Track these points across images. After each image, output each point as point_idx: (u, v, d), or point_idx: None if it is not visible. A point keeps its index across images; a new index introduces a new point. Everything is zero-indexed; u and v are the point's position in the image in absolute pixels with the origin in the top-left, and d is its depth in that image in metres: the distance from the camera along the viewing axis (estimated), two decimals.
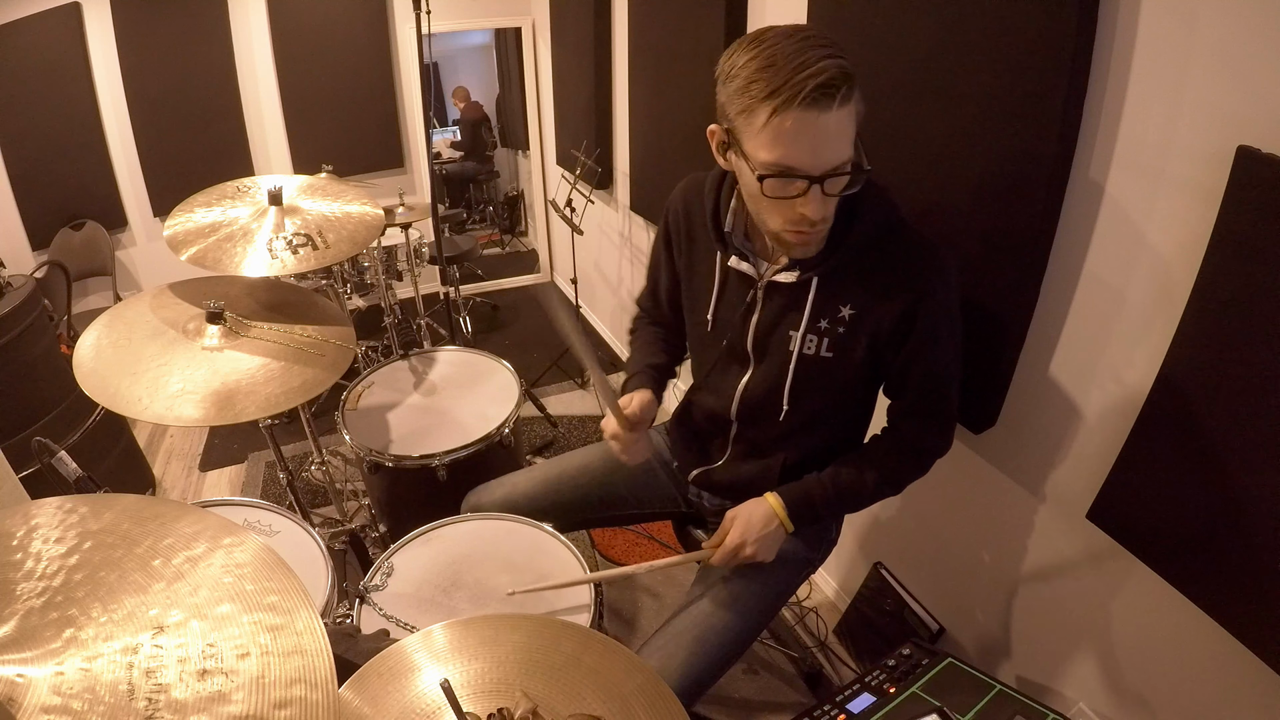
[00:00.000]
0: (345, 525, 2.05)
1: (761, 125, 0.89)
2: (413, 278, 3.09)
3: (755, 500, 1.19)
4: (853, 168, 0.92)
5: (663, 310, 1.37)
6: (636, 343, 1.40)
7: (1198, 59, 0.94)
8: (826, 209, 0.95)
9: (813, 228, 0.97)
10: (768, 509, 1.17)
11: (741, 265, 1.13)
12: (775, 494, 1.18)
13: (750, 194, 1.00)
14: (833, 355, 1.10)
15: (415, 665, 0.86)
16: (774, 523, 1.16)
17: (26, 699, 0.50)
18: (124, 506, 0.69)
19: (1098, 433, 1.20)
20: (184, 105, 3.40)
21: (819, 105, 0.85)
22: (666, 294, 1.34)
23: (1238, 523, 0.97)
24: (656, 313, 1.40)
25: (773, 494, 1.18)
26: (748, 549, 1.15)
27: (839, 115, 0.87)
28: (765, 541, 1.16)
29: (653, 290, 1.38)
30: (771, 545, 1.17)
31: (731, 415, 1.24)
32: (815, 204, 0.92)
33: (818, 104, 0.85)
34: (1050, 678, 1.42)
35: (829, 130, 0.88)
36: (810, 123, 0.86)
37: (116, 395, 1.25)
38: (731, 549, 1.15)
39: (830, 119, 0.87)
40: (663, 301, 1.36)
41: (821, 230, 1.00)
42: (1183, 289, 0.99)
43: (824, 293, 1.08)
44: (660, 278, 1.34)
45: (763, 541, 1.15)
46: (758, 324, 1.15)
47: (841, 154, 0.91)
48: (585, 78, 2.99)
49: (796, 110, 0.85)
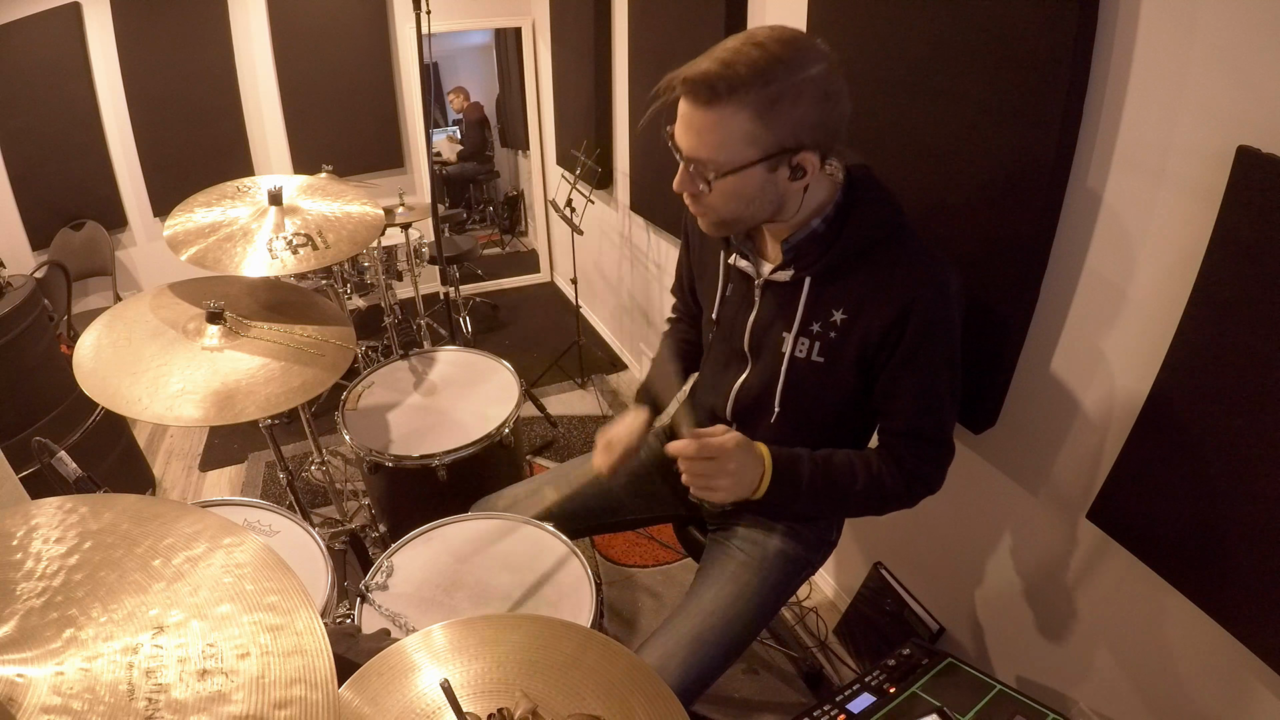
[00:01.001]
0: (345, 525, 2.06)
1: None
2: (413, 278, 3.09)
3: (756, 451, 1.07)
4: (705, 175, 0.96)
5: (687, 302, 1.42)
6: (662, 345, 1.45)
7: (1198, 59, 0.94)
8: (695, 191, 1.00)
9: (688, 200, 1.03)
10: (758, 451, 1.06)
11: (741, 263, 1.14)
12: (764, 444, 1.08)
13: None
14: (824, 360, 1.08)
15: (415, 665, 0.86)
16: (758, 467, 1.05)
17: (26, 699, 0.50)
18: (124, 506, 0.69)
19: (1098, 433, 1.20)
20: (184, 105, 3.40)
21: (686, 94, 0.93)
22: (688, 290, 1.39)
23: (1238, 523, 0.97)
24: (684, 305, 1.44)
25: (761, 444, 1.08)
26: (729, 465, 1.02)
27: (703, 113, 0.92)
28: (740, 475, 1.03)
29: (679, 283, 1.43)
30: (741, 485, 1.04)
31: (728, 415, 1.24)
32: (679, 179, 1.00)
33: (685, 93, 0.93)
34: (1050, 678, 1.42)
35: (690, 121, 0.94)
36: (682, 108, 0.95)
37: (116, 395, 1.25)
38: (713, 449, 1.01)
39: (693, 113, 0.93)
40: (686, 294, 1.41)
41: (704, 216, 1.04)
42: (1183, 289, 0.99)
43: (816, 294, 1.07)
44: (682, 273, 1.40)
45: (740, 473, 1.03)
46: (754, 323, 1.15)
47: (700, 150, 0.95)
48: (585, 78, 2.99)
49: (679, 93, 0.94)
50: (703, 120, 0.92)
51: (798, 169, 0.94)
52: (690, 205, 1.04)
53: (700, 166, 0.96)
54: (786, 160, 0.94)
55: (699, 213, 1.05)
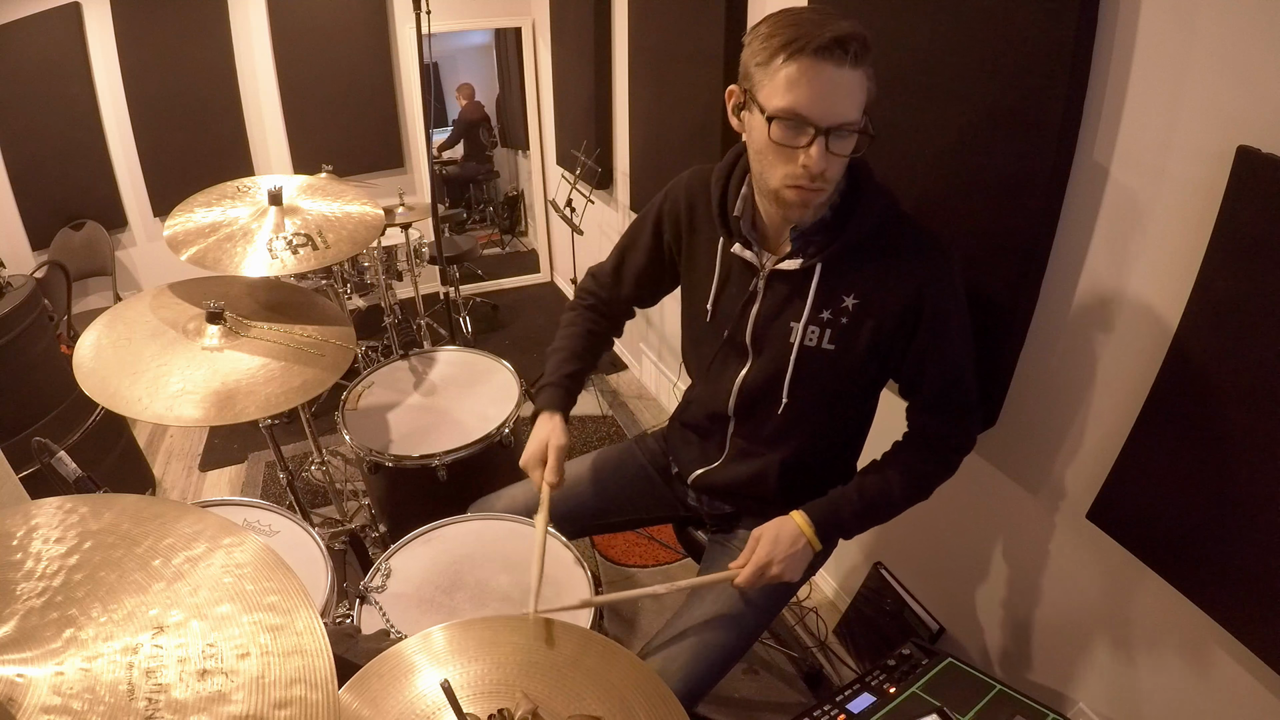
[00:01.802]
0: (345, 525, 2.06)
1: (776, 71, 0.92)
2: (413, 278, 3.09)
3: (781, 519, 1.15)
4: (860, 132, 0.94)
5: (620, 288, 1.36)
6: (566, 333, 1.37)
7: (1198, 59, 0.94)
8: (829, 167, 0.95)
9: (812, 182, 0.96)
10: (794, 527, 1.14)
11: (745, 253, 1.13)
12: (801, 512, 1.15)
13: (757, 148, 1.00)
14: (834, 348, 1.09)
15: (415, 666, 0.86)
16: (801, 541, 1.13)
17: (26, 699, 0.50)
18: (124, 506, 0.69)
19: (1098, 433, 1.20)
20: (184, 105, 3.40)
21: (832, 57, 0.88)
22: (635, 272, 1.33)
23: (1238, 523, 0.97)
24: (612, 289, 1.37)
25: (799, 512, 1.15)
26: (774, 568, 1.11)
27: (851, 74, 0.90)
28: (792, 560, 1.12)
29: (618, 263, 1.35)
30: (799, 564, 1.14)
31: (729, 410, 1.23)
32: (819, 155, 0.93)
33: (831, 55, 0.88)
34: (1050, 678, 1.42)
35: (839, 83, 0.90)
36: (822, 72, 0.89)
37: (116, 395, 1.25)
38: (758, 568, 1.11)
39: (842, 74, 0.90)
40: (625, 279, 1.34)
41: (821, 192, 0.99)
42: (1183, 289, 0.99)
43: (827, 281, 1.07)
44: (632, 258, 1.32)
45: (790, 560, 1.12)
46: (758, 315, 1.14)
47: (850, 112, 0.92)
48: (585, 78, 2.99)
49: (809, 58, 0.89)
50: (854, 81, 0.91)
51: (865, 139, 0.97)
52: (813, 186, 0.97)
53: (846, 131, 0.93)
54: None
55: (814, 194, 0.99)
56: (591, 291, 1.40)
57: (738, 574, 1.14)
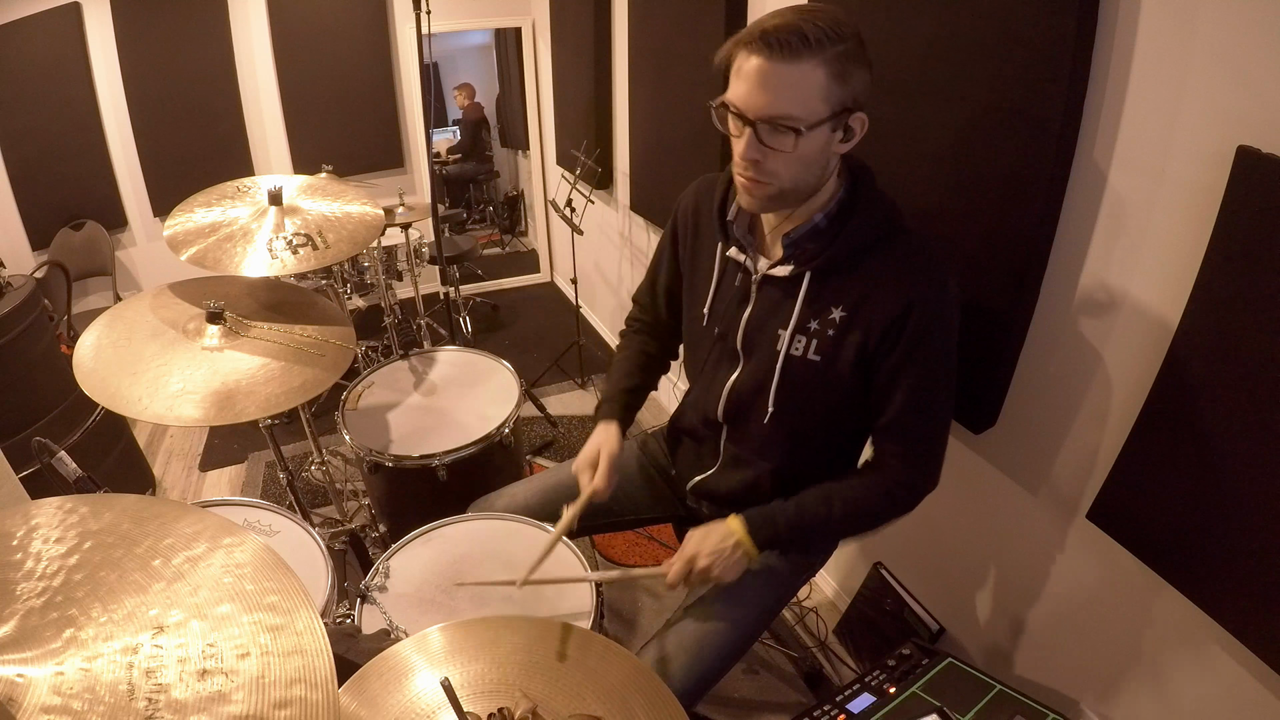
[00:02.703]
0: (345, 525, 2.06)
1: (730, 65, 0.96)
2: (413, 278, 3.09)
3: (716, 520, 1.16)
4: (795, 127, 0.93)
5: (658, 306, 1.37)
6: (619, 356, 1.40)
7: (1198, 59, 0.94)
8: (765, 159, 0.97)
9: (747, 172, 0.99)
10: (724, 527, 1.13)
11: (739, 256, 1.13)
12: (736, 515, 1.15)
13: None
14: (820, 359, 1.08)
15: (416, 665, 0.86)
16: (730, 539, 1.12)
17: (26, 699, 0.50)
18: (124, 506, 0.69)
19: (1097, 433, 1.20)
20: (184, 105, 3.40)
21: (759, 50, 0.91)
22: (665, 290, 1.34)
23: (1238, 522, 0.97)
24: (652, 311, 1.39)
25: (734, 515, 1.15)
26: (701, 561, 1.10)
27: (786, 68, 0.91)
28: (720, 557, 1.10)
29: (651, 285, 1.38)
30: (730, 563, 1.12)
31: (719, 416, 1.22)
32: (745, 145, 0.96)
33: (757, 49, 0.91)
34: (1050, 678, 1.42)
35: (767, 76, 0.92)
36: (754, 66, 0.92)
37: (116, 395, 1.25)
38: (684, 562, 1.11)
39: (771, 67, 0.91)
40: (659, 297, 1.36)
41: (763, 185, 1.00)
42: (1183, 289, 0.99)
43: (815, 291, 1.07)
44: (661, 273, 1.34)
45: (718, 556, 1.10)
46: (749, 319, 1.14)
47: (783, 106, 0.93)
48: (585, 78, 2.99)
49: (742, 50, 0.93)
50: (785, 75, 0.91)
51: (849, 130, 0.97)
52: (749, 176, 1.00)
53: (777, 125, 0.93)
54: (845, 119, 0.96)
55: (755, 184, 1.01)
56: (637, 318, 1.44)
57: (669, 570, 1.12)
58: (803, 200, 1.05)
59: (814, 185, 1.03)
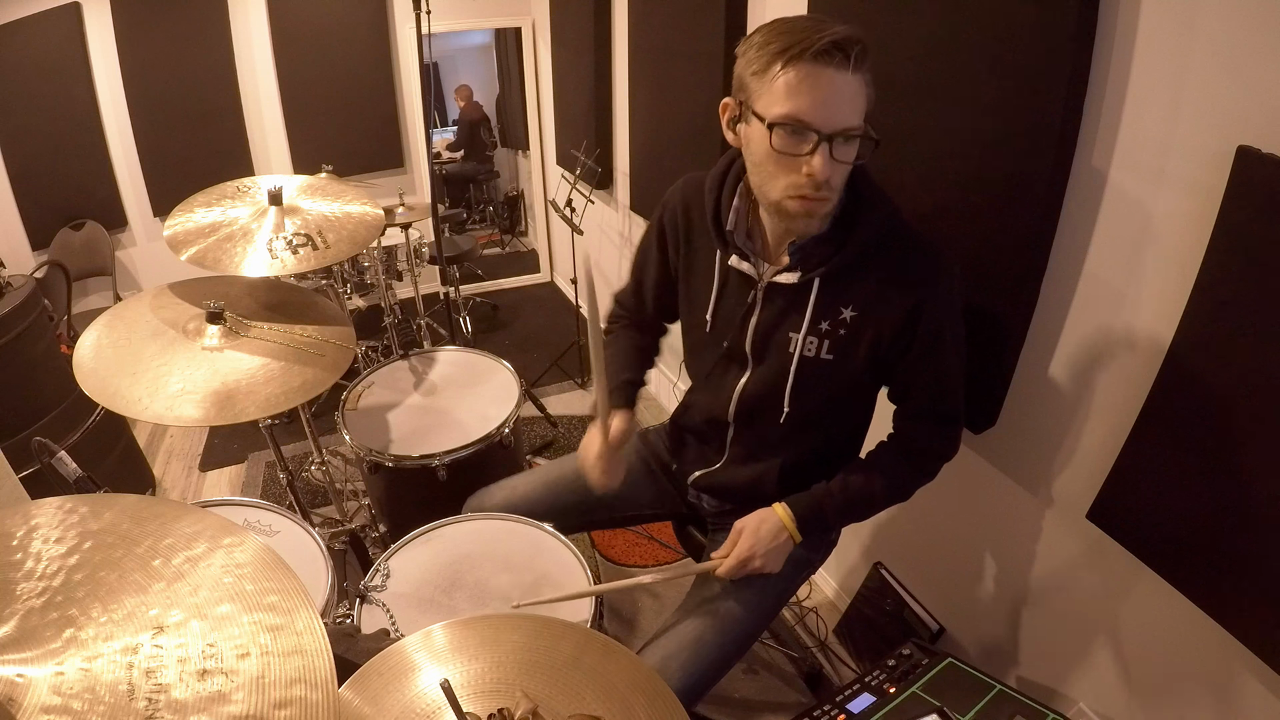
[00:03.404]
0: (345, 525, 2.05)
1: (774, 78, 0.90)
2: (413, 278, 3.09)
3: (763, 511, 1.17)
4: (864, 138, 0.93)
5: (644, 308, 1.35)
6: (611, 350, 1.36)
7: (1198, 59, 0.94)
8: (833, 174, 0.93)
9: (817, 191, 0.94)
10: (776, 520, 1.16)
11: (742, 265, 1.13)
12: (783, 504, 1.17)
13: (757, 160, 0.98)
14: (833, 358, 1.10)
15: (415, 665, 0.86)
16: (783, 535, 1.15)
17: (26, 699, 0.50)
18: (124, 506, 0.69)
19: (1098, 433, 1.20)
20: (184, 105, 3.40)
21: (832, 61, 0.87)
22: (654, 290, 1.32)
23: (1238, 523, 0.97)
24: (637, 311, 1.37)
25: (781, 505, 1.17)
26: (756, 561, 1.14)
27: (851, 78, 0.89)
28: (774, 553, 1.15)
29: (636, 288, 1.36)
30: (779, 556, 1.17)
31: (729, 417, 1.23)
32: (823, 163, 0.91)
33: (831, 59, 0.87)
34: (1050, 678, 1.42)
35: (840, 88, 0.89)
36: (822, 76, 0.88)
37: (116, 395, 1.25)
38: (740, 561, 1.14)
39: (843, 78, 0.89)
40: (647, 299, 1.34)
41: (826, 201, 0.97)
42: (1183, 289, 0.99)
43: (826, 294, 1.07)
44: (647, 275, 1.31)
45: (771, 553, 1.15)
46: (757, 325, 1.14)
47: (852, 117, 0.91)
48: (585, 78, 2.99)
49: (808, 63, 0.87)
50: (852, 85, 0.89)
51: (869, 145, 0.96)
52: (817, 196, 0.95)
53: (850, 136, 0.92)
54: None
55: (819, 204, 0.97)
56: (620, 316, 1.41)
57: (720, 564, 1.16)
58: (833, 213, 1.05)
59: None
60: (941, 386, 1.11)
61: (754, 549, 1.14)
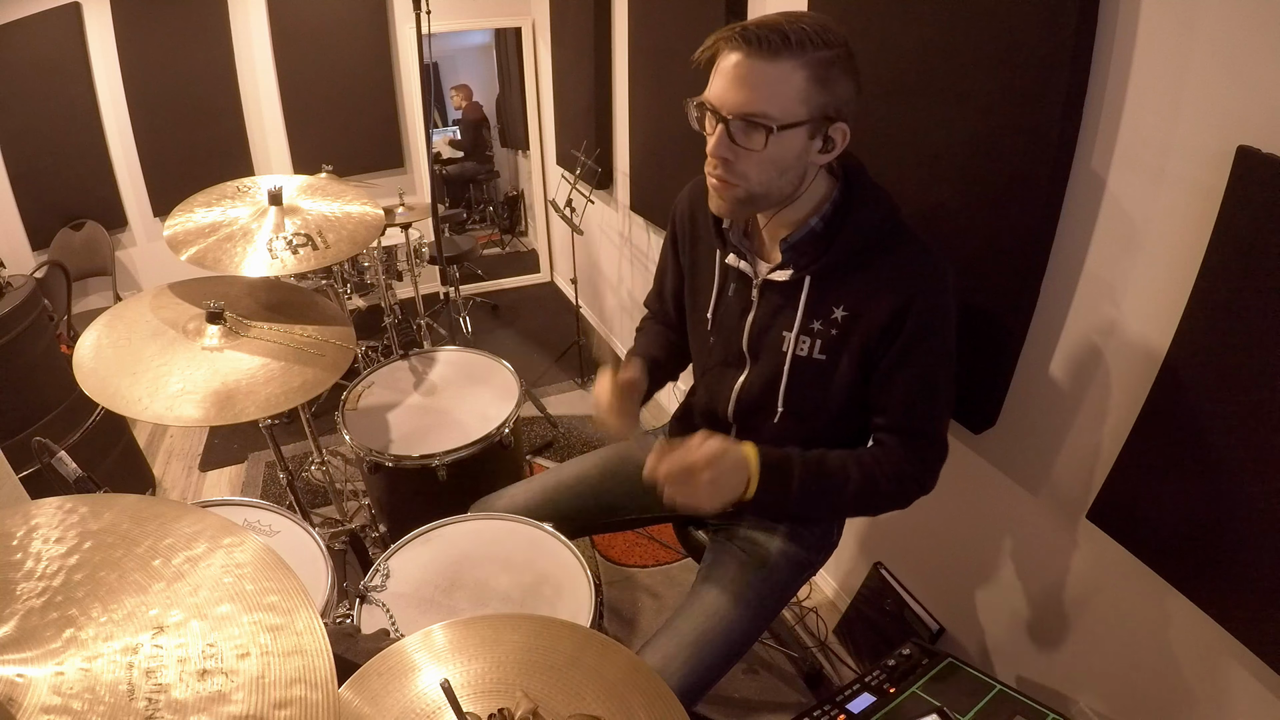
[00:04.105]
0: (345, 525, 2.06)
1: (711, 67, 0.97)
2: (413, 278, 3.09)
3: (736, 442, 1.05)
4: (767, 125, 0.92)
5: (668, 311, 1.38)
6: (641, 337, 1.39)
7: (1198, 59, 0.94)
8: (736, 160, 0.96)
9: (715, 171, 0.98)
10: (740, 453, 1.04)
11: (739, 264, 1.13)
12: (755, 448, 1.05)
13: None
14: (825, 358, 1.09)
15: (415, 665, 0.86)
16: (742, 473, 1.03)
17: (26, 699, 0.50)
18: (124, 506, 0.69)
19: (1098, 433, 1.20)
20: (184, 105, 3.40)
21: (742, 47, 0.91)
22: (672, 295, 1.35)
23: (1238, 523, 0.97)
24: (663, 314, 1.40)
25: (752, 446, 1.06)
26: (702, 475, 1.00)
27: (765, 65, 0.91)
28: (720, 483, 1.01)
29: (659, 291, 1.39)
30: (721, 492, 1.02)
31: (729, 417, 1.23)
32: (714, 143, 0.97)
33: (740, 46, 0.91)
34: (1050, 678, 1.42)
35: (743, 73, 0.92)
36: (731, 62, 0.93)
37: (116, 395, 1.25)
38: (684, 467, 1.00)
39: (749, 64, 0.91)
40: (668, 302, 1.36)
41: (734, 186, 0.99)
42: (1183, 289, 0.99)
43: (817, 293, 1.07)
44: (667, 279, 1.35)
45: (718, 480, 1.01)
46: (753, 323, 1.15)
47: (758, 104, 0.92)
48: (585, 78, 2.99)
49: (725, 48, 0.94)
50: (763, 72, 0.91)
51: (829, 140, 0.96)
52: (719, 177, 0.98)
53: (750, 123, 0.93)
54: (825, 128, 0.95)
55: (724, 185, 0.99)
56: (652, 316, 1.44)
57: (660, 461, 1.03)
58: (773, 206, 1.04)
59: (787, 193, 1.02)
60: (918, 396, 1.05)
61: (708, 460, 0.99)
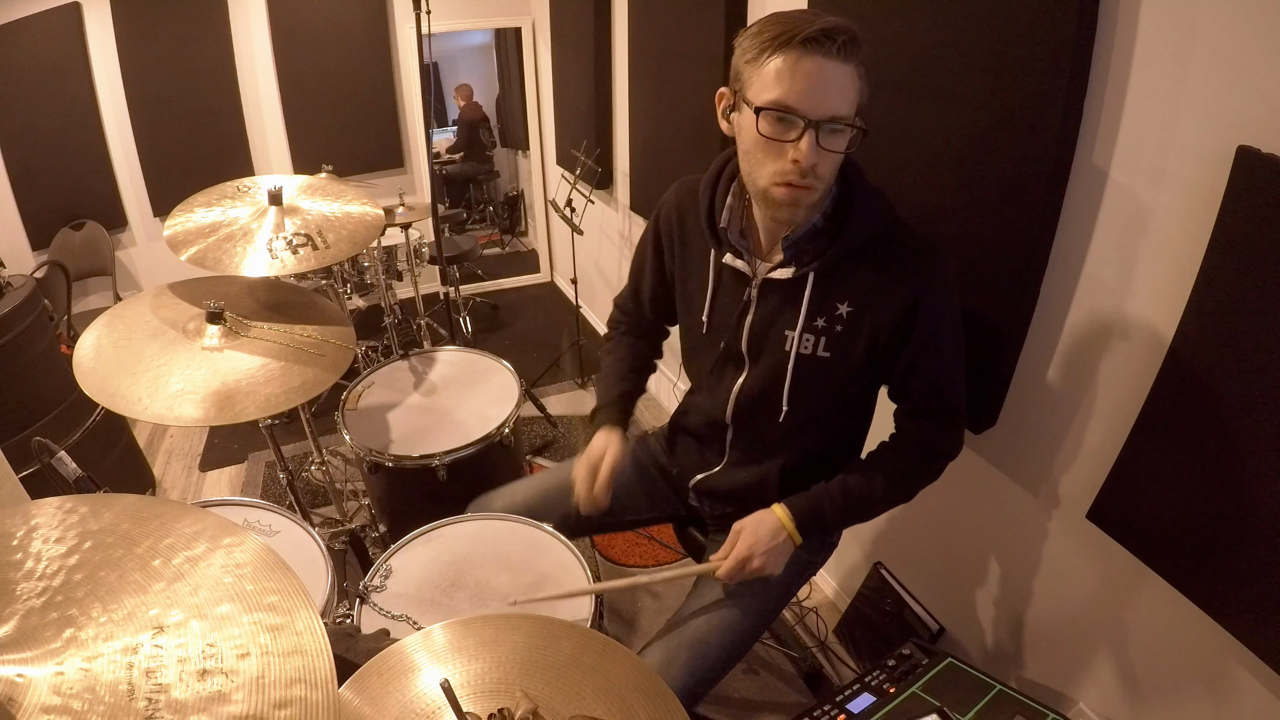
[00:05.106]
0: (345, 525, 2.05)
1: (764, 65, 0.92)
2: (413, 278, 3.09)
3: (762, 512, 1.16)
4: (853, 129, 0.94)
5: (643, 312, 1.37)
6: (608, 360, 1.39)
7: (1198, 59, 0.94)
8: (820, 163, 0.94)
9: (802, 179, 0.95)
10: (775, 521, 1.14)
11: (736, 263, 1.13)
12: (783, 505, 1.15)
13: (746, 147, 1.00)
14: (830, 355, 1.09)
15: (415, 665, 0.86)
16: (781, 535, 1.13)
17: (26, 699, 0.50)
18: (124, 506, 0.69)
19: (1098, 433, 1.20)
20: (184, 105, 3.40)
21: (820, 49, 0.88)
22: (650, 296, 1.34)
23: (1238, 523, 0.97)
24: (636, 314, 1.39)
25: (780, 505, 1.15)
26: (755, 562, 1.12)
27: (841, 67, 0.90)
28: (773, 554, 1.13)
29: (634, 291, 1.37)
30: (779, 558, 1.14)
31: (727, 419, 1.23)
32: (809, 147, 0.92)
33: (819, 46, 0.88)
34: (1050, 678, 1.42)
35: (828, 75, 0.90)
36: (810, 63, 0.89)
37: (116, 395, 1.25)
38: (739, 562, 1.12)
39: (831, 65, 0.90)
40: (644, 303, 1.35)
41: (812, 190, 0.97)
42: (1183, 289, 0.99)
43: (821, 290, 1.07)
44: (644, 279, 1.33)
45: (770, 554, 1.12)
46: (753, 323, 1.14)
47: (840, 106, 0.92)
48: (585, 78, 2.99)
49: (798, 49, 0.89)
50: (843, 75, 0.90)
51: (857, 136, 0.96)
52: (802, 184, 0.96)
53: (837, 125, 0.92)
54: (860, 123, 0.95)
55: (804, 192, 0.97)
56: (619, 320, 1.43)
57: (719, 567, 1.14)
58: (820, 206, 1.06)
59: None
60: (941, 382, 1.10)
61: (753, 549, 1.12)
